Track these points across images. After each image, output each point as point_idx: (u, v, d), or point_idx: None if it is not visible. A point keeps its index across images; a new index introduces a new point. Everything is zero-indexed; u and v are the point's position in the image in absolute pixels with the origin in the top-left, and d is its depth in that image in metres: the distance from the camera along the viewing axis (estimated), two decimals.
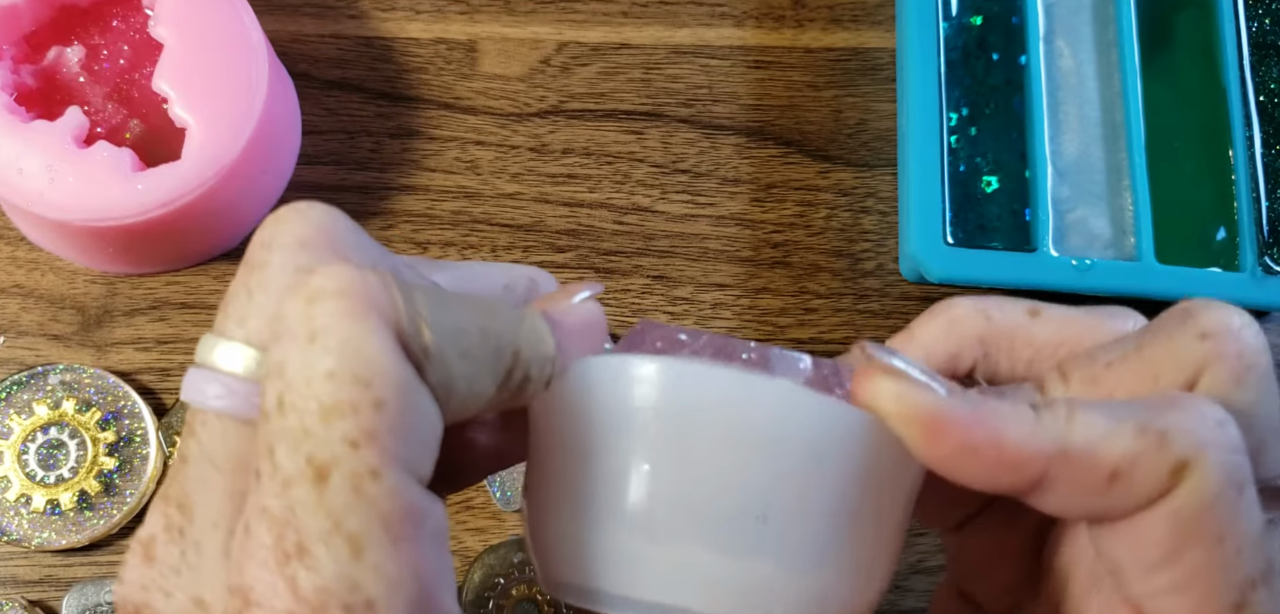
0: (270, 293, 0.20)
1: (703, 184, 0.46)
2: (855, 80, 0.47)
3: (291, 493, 0.18)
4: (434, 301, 0.19)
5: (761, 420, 0.21)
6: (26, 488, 0.40)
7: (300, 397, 0.18)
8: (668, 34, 0.47)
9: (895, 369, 0.22)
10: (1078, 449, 0.21)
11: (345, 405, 0.18)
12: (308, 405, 0.18)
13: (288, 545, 0.18)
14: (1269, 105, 0.45)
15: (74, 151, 0.39)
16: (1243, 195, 0.43)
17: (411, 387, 0.18)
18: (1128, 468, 0.21)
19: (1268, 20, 0.46)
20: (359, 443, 0.18)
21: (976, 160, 0.44)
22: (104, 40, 0.43)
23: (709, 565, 0.21)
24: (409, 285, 0.19)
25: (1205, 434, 0.21)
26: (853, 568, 0.22)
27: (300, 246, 0.21)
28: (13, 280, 0.43)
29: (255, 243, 0.21)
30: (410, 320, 0.19)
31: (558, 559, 0.23)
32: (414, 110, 0.46)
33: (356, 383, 0.18)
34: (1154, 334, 0.23)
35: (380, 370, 0.18)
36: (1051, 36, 0.46)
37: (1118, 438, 0.21)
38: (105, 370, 0.42)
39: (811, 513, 0.21)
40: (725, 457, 0.21)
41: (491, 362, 0.20)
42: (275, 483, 0.18)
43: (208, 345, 0.21)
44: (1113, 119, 0.45)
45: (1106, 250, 0.44)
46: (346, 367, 0.18)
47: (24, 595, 0.40)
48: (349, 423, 0.18)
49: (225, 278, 0.44)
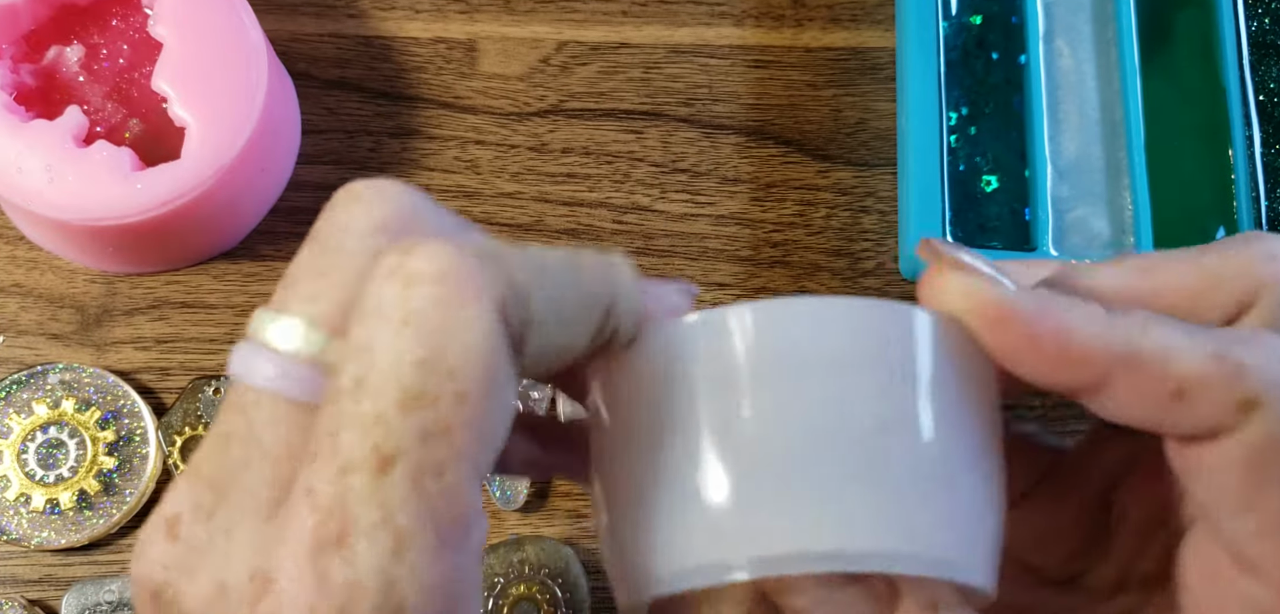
0: (345, 276, 0.19)
1: (702, 183, 0.46)
2: (855, 80, 0.47)
3: (347, 479, 0.17)
4: (534, 271, 0.19)
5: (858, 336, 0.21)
6: (26, 487, 0.40)
7: (382, 380, 0.17)
8: (667, 33, 0.47)
9: (962, 262, 0.22)
10: (1148, 355, 0.21)
11: (427, 396, 0.17)
12: (387, 391, 0.17)
13: (327, 534, 0.17)
14: (1269, 105, 0.45)
15: (73, 151, 0.39)
16: (1242, 195, 0.43)
17: (499, 380, 0.18)
18: (1195, 388, 0.20)
19: (1267, 19, 0.46)
20: (431, 436, 0.17)
21: (976, 160, 0.44)
22: (103, 39, 0.43)
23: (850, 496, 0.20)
24: (508, 260, 0.18)
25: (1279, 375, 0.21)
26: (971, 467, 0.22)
27: (379, 230, 0.20)
28: (12, 279, 0.43)
29: (329, 222, 0.20)
30: (513, 299, 0.18)
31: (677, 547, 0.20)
32: (413, 110, 0.46)
33: (443, 374, 0.17)
34: (1216, 248, 0.23)
35: (470, 362, 0.17)
36: (1051, 36, 0.46)
37: (1191, 355, 0.21)
38: (105, 370, 0.42)
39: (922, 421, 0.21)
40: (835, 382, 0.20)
41: (587, 318, 0.20)
42: (331, 467, 0.17)
43: (263, 320, 0.20)
44: (1112, 118, 0.45)
45: (1106, 249, 0.44)
46: (437, 356, 0.17)
47: (23, 595, 0.40)
48: (427, 414, 0.17)
49: (225, 277, 0.44)
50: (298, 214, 0.44)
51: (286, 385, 0.19)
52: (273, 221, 0.44)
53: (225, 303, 0.43)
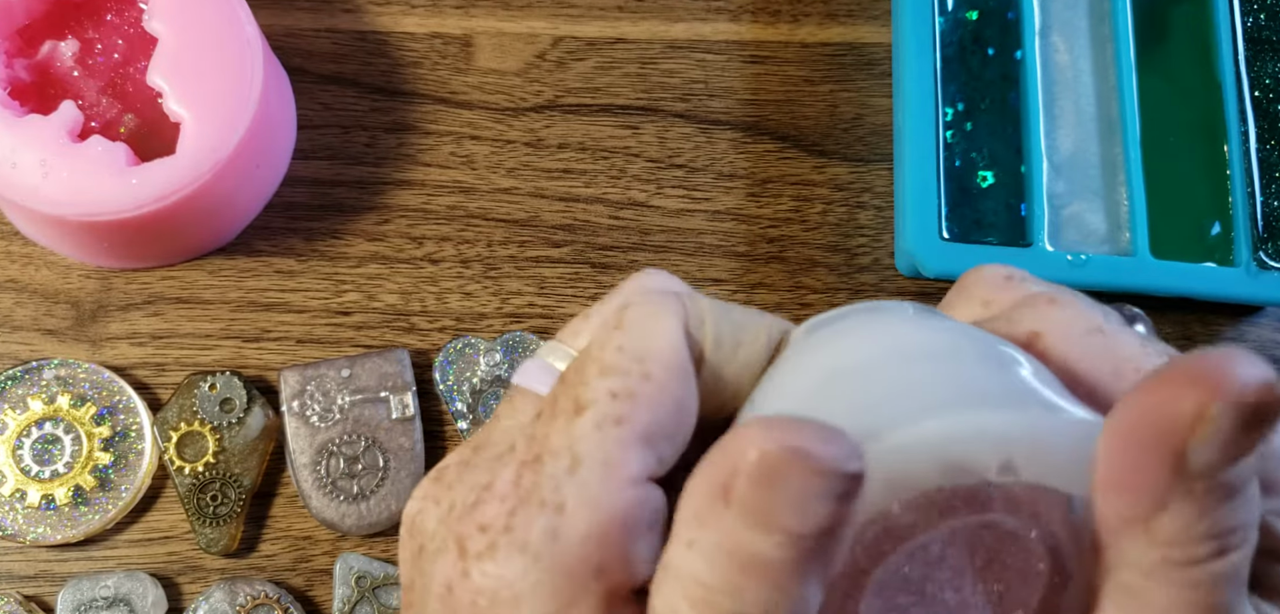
0: (599, 326, 0.25)
1: (698, 179, 0.46)
2: (851, 75, 0.47)
3: (550, 422, 0.22)
4: (718, 309, 0.24)
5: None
6: (21, 483, 0.40)
7: (591, 360, 0.22)
8: (664, 28, 0.47)
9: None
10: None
11: (619, 368, 0.22)
12: (592, 366, 0.22)
13: (529, 455, 0.22)
14: (1264, 100, 0.45)
15: (68, 146, 0.39)
16: (1237, 190, 0.43)
17: (677, 374, 0.22)
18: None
19: (1263, 15, 0.46)
20: (618, 397, 0.22)
21: (972, 155, 0.44)
22: (98, 34, 0.43)
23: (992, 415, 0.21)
24: (699, 297, 0.24)
25: None
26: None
27: (639, 292, 0.25)
28: (7, 275, 0.43)
29: (620, 292, 0.26)
30: (696, 320, 0.23)
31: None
32: (409, 104, 0.46)
33: (634, 357, 0.22)
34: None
35: (656, 354, 0.22)
36: (1047, 31, 0.46)
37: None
38: (100, 365, 0.42)
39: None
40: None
41: (763, 353, 0.24)
42: (546, 418, 0.22)
43: (549, 348, 0.25)
44: (1108, 114, 0.45)
45: (1102, 245, 0.44)
46: (632, 344, 0.22)
47: (19, 590, 0.40)
48: (616, 380, 0.22)
49: (220, 272, 0.44)
50: (293, 209, 0.44)
51: (545, 388, 0.24)
52: (268, 217, 0.44)
53: (220, 298, 0.43)
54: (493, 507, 0.22)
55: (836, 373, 0.22)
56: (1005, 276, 0.25)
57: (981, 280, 0.26)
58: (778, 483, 0.18)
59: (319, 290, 0.44)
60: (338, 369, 0.42)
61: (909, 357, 0.22)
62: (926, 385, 0.21)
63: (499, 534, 0.22)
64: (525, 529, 0.21)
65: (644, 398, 0.22)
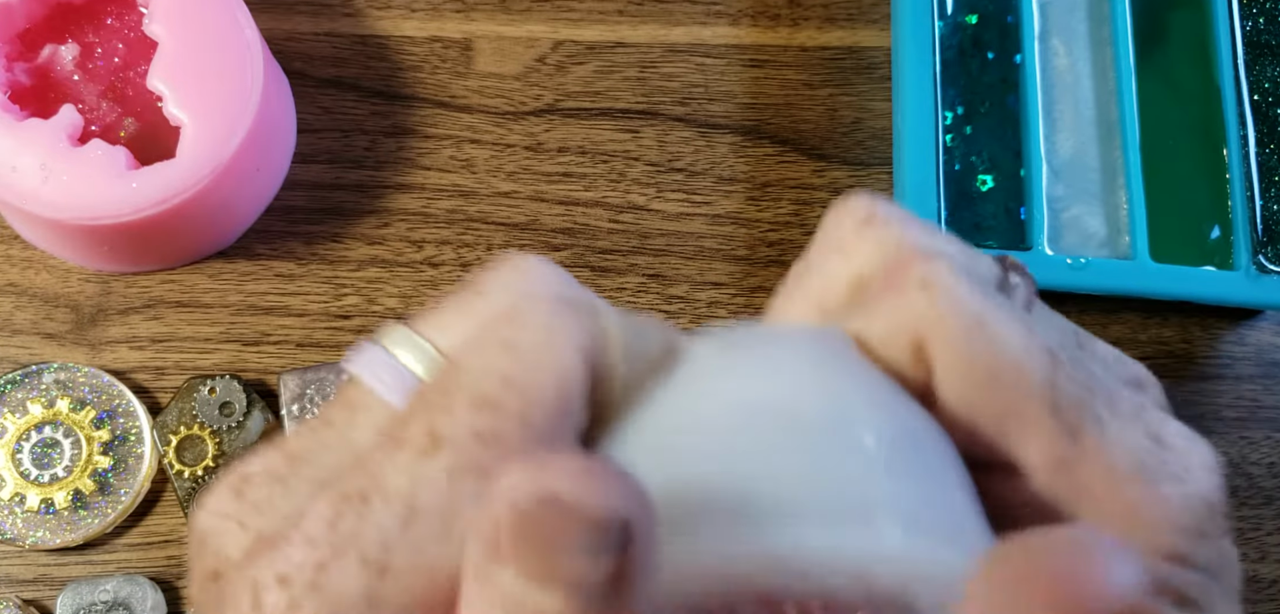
0: (479, 318, 0.21)
1: (698, 183, 0.46)
2: (850, 79, 0.47)
3: (395, 454, 0.18)
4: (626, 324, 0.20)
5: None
6: (21, 487, 0.40)
7: (461, 386, 0.18)
8: (663, 32, 0.47)
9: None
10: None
11: (495, 404, 0.18)
12: (464, 392, 0.18)
13: (355, 490, 0.18)
14: (1263, 104, 0.45)
15: (68, 150, 0.39)
16: (1237, 194, 0.43)
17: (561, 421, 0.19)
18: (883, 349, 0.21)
19: (1262, 19, 0.46)
20: (485, 441, 0.18)
21: (972, 159, 0.44)
22: (98, 38, 0.43)
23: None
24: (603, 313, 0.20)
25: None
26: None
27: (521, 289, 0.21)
28: (6, 279, 0.43)
29: (482, 275, 0.22)
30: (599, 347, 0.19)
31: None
32: (409, 108, 0.46)
33: (517, 393, 0.18)
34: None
35: (544, 394, 0.18)
36: (1047, 35, 0.46)
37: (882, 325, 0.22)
38: (100, 369, 0.42)
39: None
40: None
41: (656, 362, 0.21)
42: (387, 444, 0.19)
43: (399, 336, 0.21)
44: (1108, 118, 0.45)
45: (1101, 249, 0.44)
46: (519, 376, 0.18)
47: (18, 594, 0.40)
48: (487, 419, 0.18)
49: (220, 276, 0.44)
50: (293, 213, 0.44)
51: (396, 397, 0.20)
52: (268, 220, 0.44)
53: (220, 302, 0.43)
54: (299, 553, 0.18)
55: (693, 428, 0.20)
56: (863, 218, 0.23)
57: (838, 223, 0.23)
58: (539, 534, 0.16)
59: (319, 294, 0.44)
60: (338, 373, 0.42)
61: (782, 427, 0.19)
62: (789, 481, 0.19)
63: (303, 592, 0.18)
64: (337, 588, 0.18)
65: (515, 445, 0.18)
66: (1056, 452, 0.21)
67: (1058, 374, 0.21)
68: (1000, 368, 0.20)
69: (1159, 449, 0.21)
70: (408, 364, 0.20)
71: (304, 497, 0.19)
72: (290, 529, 0.18)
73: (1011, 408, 0.21)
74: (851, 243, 0.23)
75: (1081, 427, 0.21)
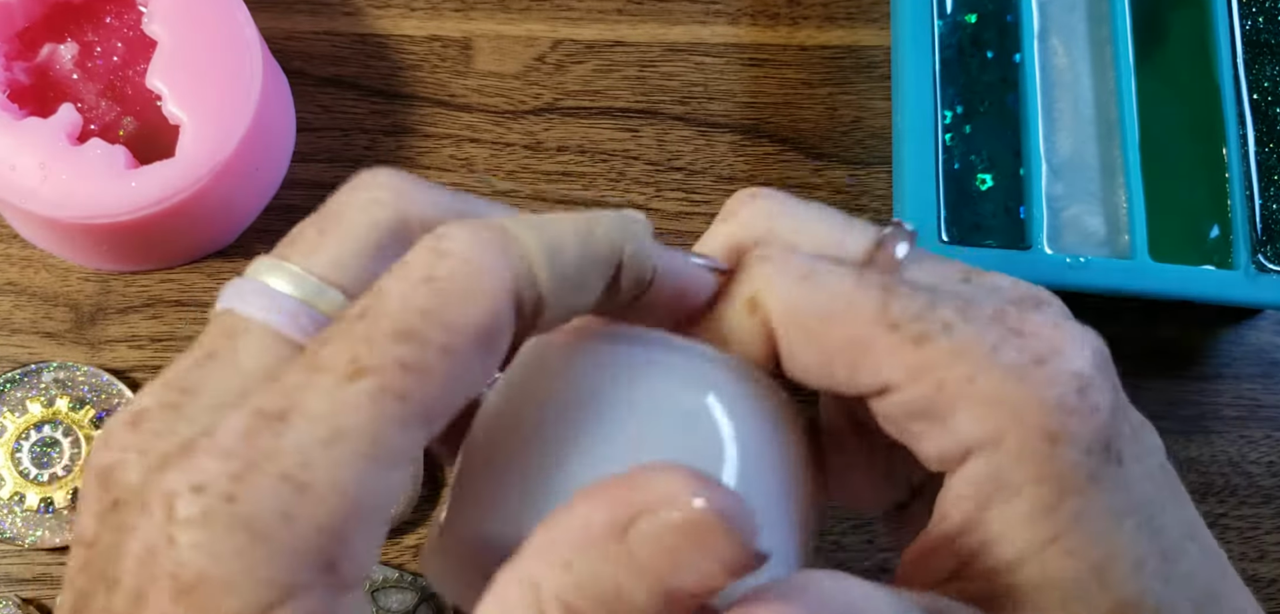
0: (341, 238, 0.21)
1: (698, 182, 0.46)
2: (850, 78, 0.47)
3: (314, 377, 0.18)
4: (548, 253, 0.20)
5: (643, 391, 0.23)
6: (20, 486, 0.40)
7: (386, 313, 0.19)
8: (662, 31, 0.47)
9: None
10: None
11: (419, 336, 0.19)
12: (386, 321, 0.19)
13: (272, 408, 0.18)
14: (1262, 103, 0.45)
15: (67, 149, 0.39)
16: (1236, 193, 0.43)
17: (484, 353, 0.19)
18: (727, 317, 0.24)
19: (1261, 18, 0.46)
20: (409, 369, 0.18)
21: (971, 158, 0.44)
22: (97, 37, 0.43)
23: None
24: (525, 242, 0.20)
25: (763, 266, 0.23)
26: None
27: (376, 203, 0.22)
28: (6, 278, 0.43)
29: (333, 199, 0.22)
30: (527, 283, 0.20)
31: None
32: (409, 107, 0.46)
33: (440, 326, 0.19)
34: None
35: (468, 326, 0.19)
36: (1046, 34, 0.46)
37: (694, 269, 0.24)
38: (99, 368, 0.42)
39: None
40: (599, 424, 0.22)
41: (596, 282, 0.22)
42: (304, 366, 0.19)
43: (261, 264, 0.21)
44: (1107, 117, 0.45)
45: (1101, 248, 0.44)
46: (442, 311, 0.19)
47: (17, 594, 0.40)
48: (411, 350, 0.18)
49: (219, 275, 0.44)
50: (293, 212, 0.44)
51: (278, 319, 0.20)
52: (268, 219, 0.44)
53: None
54: (214, 463, 0.18)
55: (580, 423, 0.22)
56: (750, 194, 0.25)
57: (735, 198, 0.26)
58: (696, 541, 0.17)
59: None
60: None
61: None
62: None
63: (217, 501, 0.18)
64: (253, 503, 0.18)
65: (439, 374, 0.19)
66: (905, 360, 0.22)
67: (890, 299, 0.22)
68: (831, 307, 0.22)
69: (1017, 338, 0.22)
70: (280, 288, 0.21)
71: (205, 423, 0.19)
72: (202, 440, 0.18)
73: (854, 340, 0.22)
74: (735, 209, 0.25)
75: (926, 335, 0.22)
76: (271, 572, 0.18)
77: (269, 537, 0.18)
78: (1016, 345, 0.22)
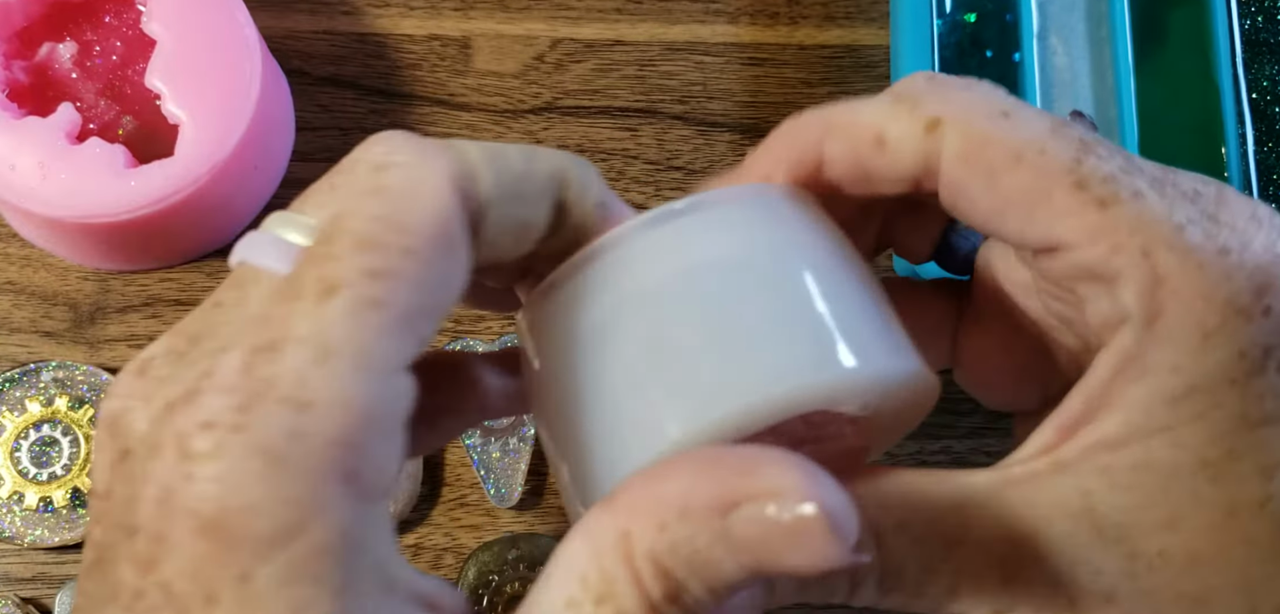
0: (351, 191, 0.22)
1: (697, 181, 0.46)
2: (849, 77, 0.47)
3: (294, 305, 0.19)
4: (488, 156, 0.21)
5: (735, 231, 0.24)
6: (19, 485, 0.40)
7: (342, 232, 0.20)
8: (662, 30, 0.47)
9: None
10: (841, 120, 0.24)
11: (376, 241, 0.19)
12: (344, 238, 0.19)
13: (264, 341, 0.19)
14: (1261, 102, 0.45)
15: (66, 148, 0.39)
16: None
17: (446, 248, 0.20)
18: (889, 126, 0.23)
19: (1260, 18, 0.46)
20: (376, 276, 0.19)
21: None
22: (96, 36, 0.43)
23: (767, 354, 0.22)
24: (465, 147, 0.21)
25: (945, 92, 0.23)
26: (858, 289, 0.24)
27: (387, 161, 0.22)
28: (5, 277, 0.43)
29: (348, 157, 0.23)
30: (468, 179, 0.21)
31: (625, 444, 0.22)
32: (408, 107, 0.46)
33: (396, 229, 0.19)
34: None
35: (422, 224, 0.20)
36: (1045, 34, 0.46)
37: (876, 106, 0.23)
38: (98, 367, 0.42)
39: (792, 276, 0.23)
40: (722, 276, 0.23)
41: (540, 198, 0.22)
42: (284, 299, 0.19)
43: (276, 218, 0.22)
44: (1106, 116, 0.45)
45: None
46: (393, 214, 0.20)
47: (16, 593, 0.40)
48: (373, 257, 0.19)
49: (219, 275, 0.44)
50: None
51: (283, 265, 0.21)
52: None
53: None
54: (216, 400, 0.19)
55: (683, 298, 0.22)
56: (927, 78, 0.25)
57: (905, 81, 0.25)
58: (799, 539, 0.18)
59: None
60: None
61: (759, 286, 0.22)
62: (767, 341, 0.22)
63: (228, 433, 0.18)
64: (262, 428, 0.18)
65: (406, 276, 0.19)
66: (1086, 221, 0.21)
67: (1085, 154, 0.22)
68: (1024, 150, 0.22)
69: (1208, 223, 0.21)
70: (288, 237, 0.21)
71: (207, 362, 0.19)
72: (204, 381, 0.19)
73: (1035, 189, 0.22)
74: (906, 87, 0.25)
75: (1114, 197, 0.21)
76: (293, 490, 0.18)
77: (284, 458, 0.18)
78: (1205, 229, 0.21)
